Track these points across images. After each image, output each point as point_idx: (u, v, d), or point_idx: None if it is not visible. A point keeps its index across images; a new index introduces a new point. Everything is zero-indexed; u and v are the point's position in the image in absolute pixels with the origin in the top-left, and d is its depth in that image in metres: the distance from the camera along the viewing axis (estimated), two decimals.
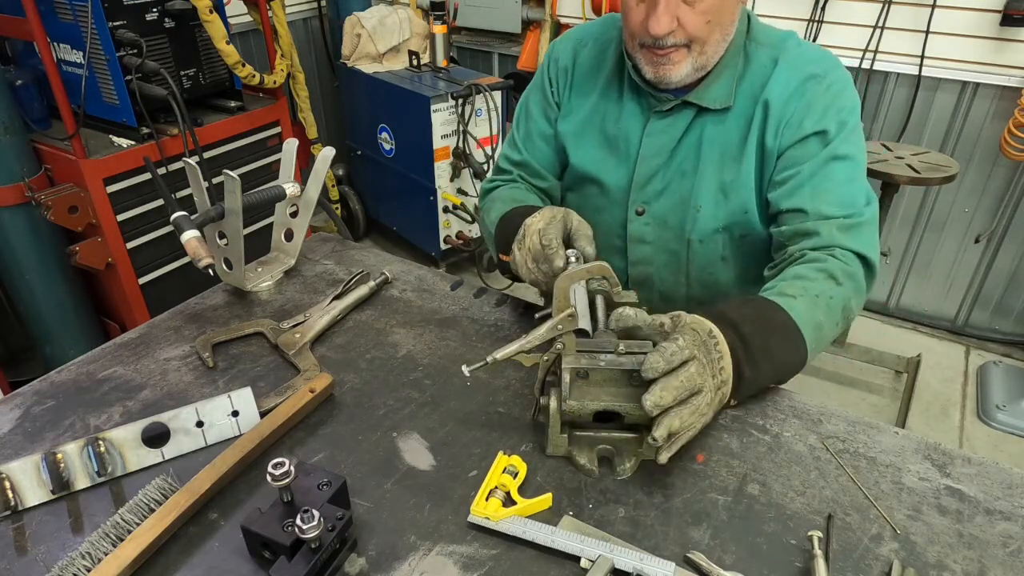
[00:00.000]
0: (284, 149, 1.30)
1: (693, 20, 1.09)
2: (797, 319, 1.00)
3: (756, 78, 1.20)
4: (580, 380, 0.91)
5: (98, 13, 2.09)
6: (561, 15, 3.48)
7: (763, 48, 1.21)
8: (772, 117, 1.17)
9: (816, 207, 1.14)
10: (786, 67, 1.18)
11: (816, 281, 1.06)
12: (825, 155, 1.15)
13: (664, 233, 1.28)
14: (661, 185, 1.25)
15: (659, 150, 1.24)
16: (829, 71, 1.18)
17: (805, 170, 1.15)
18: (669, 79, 1.15)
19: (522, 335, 0.93)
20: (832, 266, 1.09)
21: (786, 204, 1.17)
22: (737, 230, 1.24)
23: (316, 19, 3.94)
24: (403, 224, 3.73)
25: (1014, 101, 2.60)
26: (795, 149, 1.16)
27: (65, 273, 2.31)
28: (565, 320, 0.90)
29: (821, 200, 1.14)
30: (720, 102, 1.19)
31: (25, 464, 0.87)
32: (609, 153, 1.29)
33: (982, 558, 0.80)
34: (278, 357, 1.14)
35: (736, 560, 0.80)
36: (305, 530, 0.72)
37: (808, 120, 1.15)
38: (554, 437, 0.92)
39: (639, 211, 1.28)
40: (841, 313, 1.08)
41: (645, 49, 1.15)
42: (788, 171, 1.17)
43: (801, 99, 1.16)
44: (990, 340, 3.09)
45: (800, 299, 1.03)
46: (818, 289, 1.05)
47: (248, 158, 2.65)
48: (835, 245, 1.12)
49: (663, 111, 1.23)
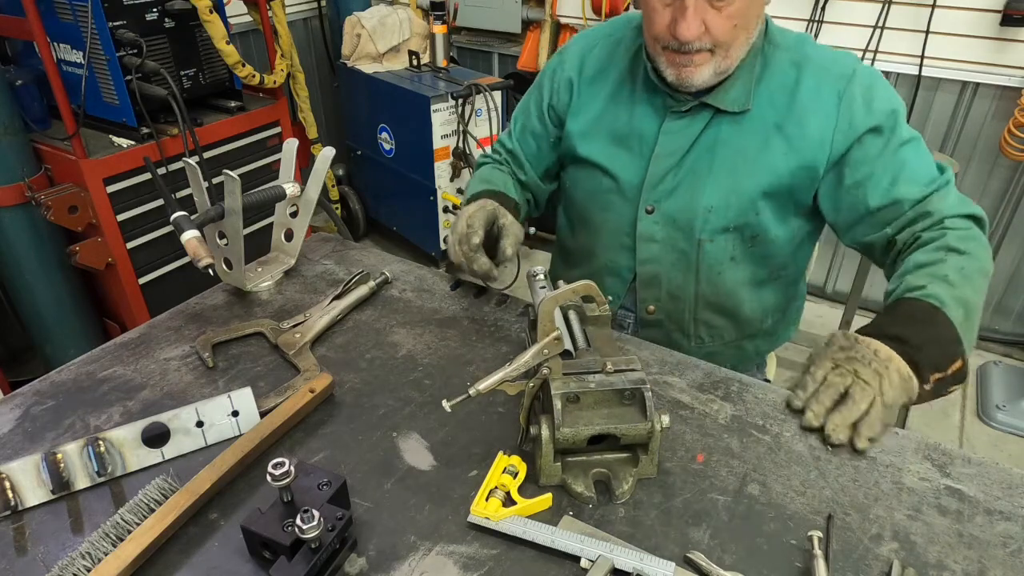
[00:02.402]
0: (284, 149, 1.30)
1: (720, 24, 1.09)
2: (935, 301, 1.02)
3: (776, 81, 1.20)
4: (571, 405, 0.88)
5: (98, 13, 2.09)
6: (561, 15, 3.48)
7: (781, 51, 1.22)
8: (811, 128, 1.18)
9: (906, 195, 1.15)
10: (811, 72, 1.19)
11: (941, 263, 1.07)
12: (893, 145, 1.16)
13: (673, 232, 1.28)
14: (672, 184, 1.26)
15: (674, 150, 1.24)
16: (855, 67, 1.19)
17: (879, 166, 1.17)
18: (691, 82, 1.15)
19: (504, 363, 0.88)
20: (949, 239, 1.10)
21: (875, 203, 1.17)
22: (748, 231, 1.24)
23: (316, 19, 3.94)
24: (403, 224, 3.73)
25: (1014, 101, 2.60)
26: (856, 151, 1.18)
27: (65, 273, 2.31)
28: (551, 344, 0.86)
29: (907, 187, 1.15)
30: (738, 105, 1.19)
31: (25, 464, 0.87)
32: (620, 150, 1.30)
33: (982, 558, 0.80)
34: (278, 357, 1.14)
35: (736, 560, 0.80)
36: (305, 530, 0.72)
37: (857, 120, 1.17)
38: (547, 467, 0.88)
39: (649, 209, 1.28)
40: (982, 277, 1.09)
41: (668, 52, 1.14)
42: (860, 174, 1.18)
43: (841, 104, 1.17)
44: (990, 340, 3.09)
45: (936, 284, 1.04)
46: (945, 270, 1.06)
47: (248, 158, 2.65)
48: (942, 217, 1.13)
49: (680, 111, 1.23)
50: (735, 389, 1.08)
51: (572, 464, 0.90)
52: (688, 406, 1.04)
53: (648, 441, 0.87)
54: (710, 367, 1.13)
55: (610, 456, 0.91)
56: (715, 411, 1.03)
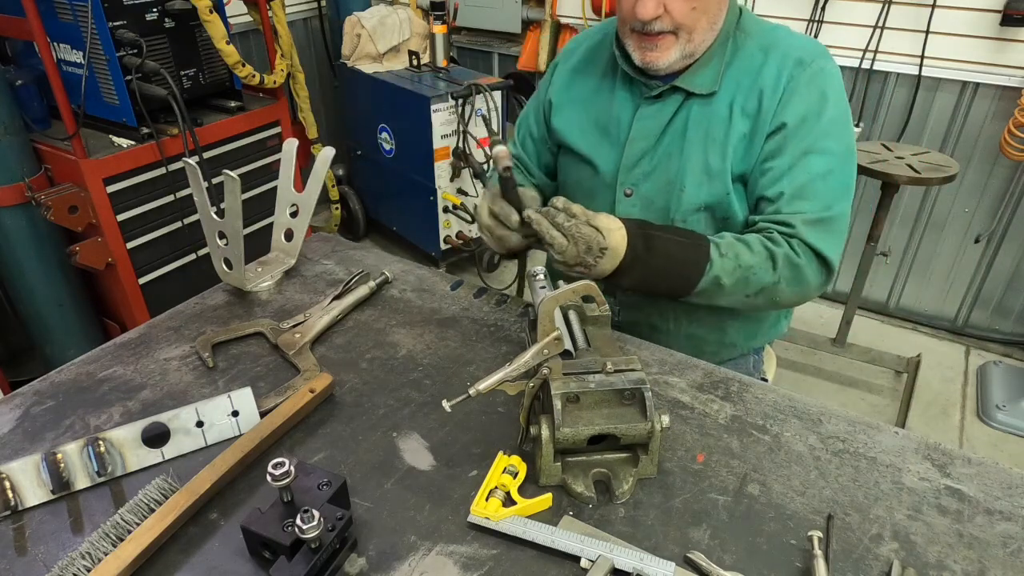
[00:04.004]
0: (284, 149, 1.30)
1: (679, 7, 1.14)
2: (709, 265, 1.12)
3: (744, 66, 1.23)
4: (571, 405, 0.88)
5: (98, 13, 2.09)
6: (561, 15, 3.48)
7: (751, 38, 1.25)
8: (764, 106, 1.20)
9: (790, 199, 1.19)
10: (776, 56, 1.22)
11: (755, 255, 1.15)
12: (804, 147, 1.19)
13: (650, 214, 1.31)
14: (649, 167, 1.29)
15: (647, 133, 1.28)
16: (815, 59, 1.21)
17: (784, 161, 1.19)
18: (657, 64, 1.20)
19: (504, 363, 0.89)
20: (779, 251, 1.16)
21: (764, 192, 1.22)
22: (719, 211, 1.27)
23: (316, 19, 3.94)
24: (403, 224, 3.73)
25: (1014, 101, 2.60)
26: (776, 137, 1.20)
27: (65, 273, 2.31)
28: (551, 344, 0.87)
29: (796, 193, 1.19)
30: (706, 87, 1.23)
31: (25, 464, 0.87)
32: (602, 138, 1.34)
33: (982, 558, 0.80)
34: (278, 357, 1.14)
35: (736, 560, 0.80)
36: (305, 530, 0.72)
37: (790, 108, 1.19)
38: (547, 467, 0.88)
39: (627, 193, 1.31)
40: (759, 293, 1.18)
41: (635, 35, 1.20)
42: (769, 161, 1.21)
43: (787, 86, 1.19)
44: (990, 340, 3.09)
45: (727, 259, 1.13)
46: (750, 261, 1.15)
47: (248, 158, 2.65)
48: (797, 237, 1.17)
49: (652, 96, 1.26)
50: (735, 389, 1.08)
51: (572, 464, 0.90)
52: (688, 406, 1.04)
53: (648, 441, 0.88)
54: (710, 367, 1.13)
55: (610, 456, 0.91)
56: (715, 411, 1.03)
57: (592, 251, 1.05)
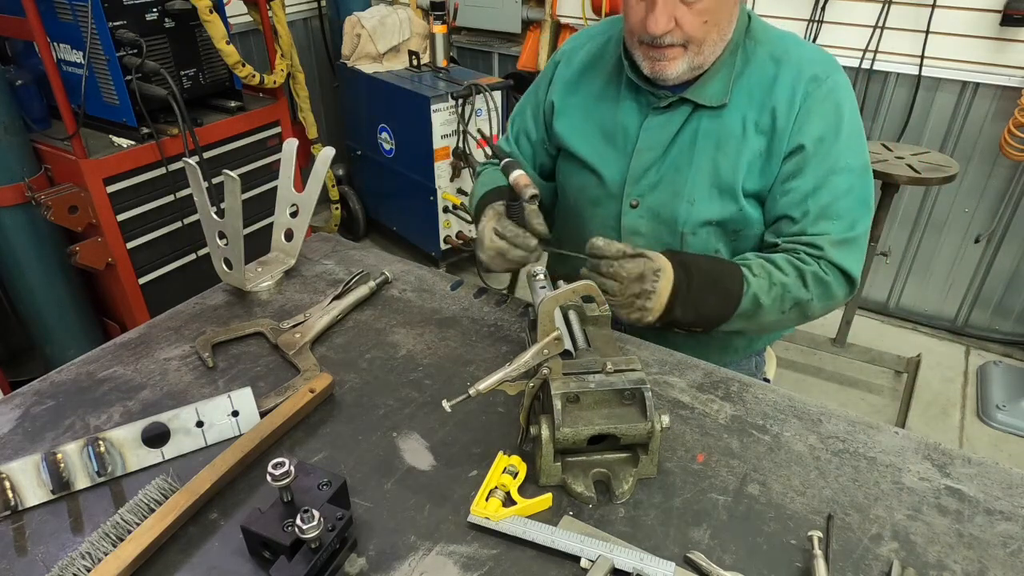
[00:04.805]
0: (284, 149, 1.30)
1: (690, 20, 1.12)
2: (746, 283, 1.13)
3: (755, 78, 1.21)
4: (571, 405, 0.88)
5: (98, 13, 2.09)
6: (561, 15, 3.48)
7: (762, 47, 1.23)
8: (779, 124, 1.19)
9: (815, 219, 1.18)
10: (789, 69, 1.20)
11: (787, 275, 1.16)
12: (825, 168, 1.18)
13: (657, 226, 1.29)
14: (655, 178, 1.27)
15: (655, 144, 1.26)
16: (830, 74, 1.20)
17: (806, 182, 1.19)
18: (665, 76, 1.18)
19: (504, 363, 0.89)
20: (808, 269, 1.17)
21: (786, 212, 1.21)
22: (730, 225, 1.26)
23: (316, 19, 3.94)
24: (403, 224, 3.73)
25: (1014, 101, 2.60)
26: (795, 158, 1.19)
27: (65, 273, 2.31)
28: (551, 344, 0.87)
29: (820, 213, 1.18)
30: (716, 99, 1.21)
31: (25, 464, 0.87)
32: (607, 146, 1.32)
33: (982, 558, 0.80)
34: (278, 357, 1.14)
35: (736, 560, 0.80)
36: (305, 530, 0.72)
37: (807, 128, 1.18)
38: (547, 467, 0.88)
39: (633, 204, 1.30)
40: (793, 308, 1.19)
41: (643, 46, 1.18)
42: (790, 181, 1.20)
43: (802, 104, 1.18)
44: (990, 340, 3.09)
45: (760, 279, 1.14)
46: (783, 279, 1.16)
47: (248, 158, 2.65)
48: (824, 257, 1.18)
49: (661, 107, 1.25)
50: (735, 389, 1.08)
51: (572, 464, 0.90)
52: (688, 406, 1.04)
53: (648, 441, 0.88)
54: (710, 367, 1.13)
55: (610, 456, 0.91)
56: (715, 411, 1.03)
57: (647, 278, 1.06)
